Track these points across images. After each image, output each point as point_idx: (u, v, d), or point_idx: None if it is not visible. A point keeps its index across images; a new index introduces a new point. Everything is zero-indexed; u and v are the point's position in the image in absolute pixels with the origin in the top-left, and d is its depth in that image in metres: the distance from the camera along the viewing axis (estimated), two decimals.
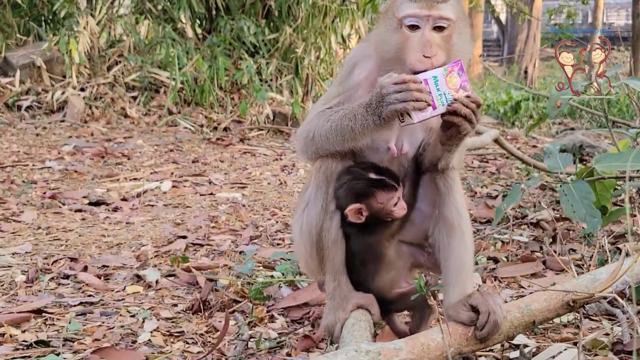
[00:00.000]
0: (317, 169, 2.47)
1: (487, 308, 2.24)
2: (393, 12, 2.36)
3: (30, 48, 10.31)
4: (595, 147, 7.27)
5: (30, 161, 6.80)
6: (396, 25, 2.33)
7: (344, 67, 2.55)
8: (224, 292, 3.23)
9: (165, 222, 4.77)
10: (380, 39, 2.40)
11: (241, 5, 11.34)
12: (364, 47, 2.54)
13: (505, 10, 28.65)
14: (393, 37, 2.34)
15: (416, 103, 2.16)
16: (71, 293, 3.27)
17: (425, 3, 2.29)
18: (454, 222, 2.43)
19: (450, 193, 2.45)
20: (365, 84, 2.43)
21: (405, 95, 2.15)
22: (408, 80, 2.17)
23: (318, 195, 2.46)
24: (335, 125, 2.35)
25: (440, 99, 2.20)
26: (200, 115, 10.00)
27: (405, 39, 2.31)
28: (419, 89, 2.16)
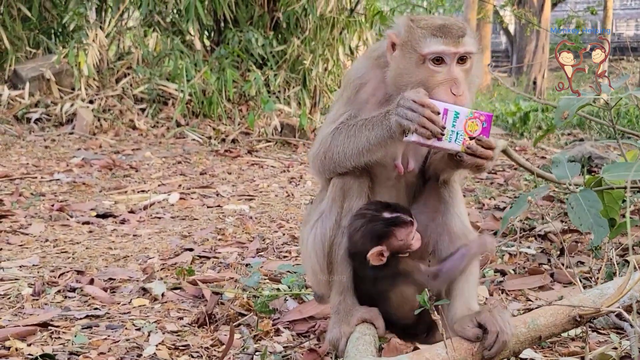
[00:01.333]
0: (333, 184, 2.48)
1: (497, 328, 2.22)
2: (414, 46, 2.33)
3: (40, 61, 10.38)
4: (604, 159, 7.23)
5: (39, 173, 6.82)
6: (418, 59, 2.32)
7: (350, 86, 2.53)
8: (229, 305, 3.22)
9: (172, 234, 4.78)
10: (399, 72, 2.37)
11: (249, 17, 11.39)
12: (369, 65, 2.52)
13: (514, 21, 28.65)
14: (415, 72, 2.33)
15: (421, 129, 2.16)
16: (77, 306, 3.27)
17: (452, 40, 2.29)
18: (458, 233, 2.43)
19: (454, 203, 2.45)
20: (372, 100, 2.44)
21: (415, 116, 2.16)
22: (426, 105, 2.17)
23: (333, 209, 2.46)
24: (354, 138, 2.36)
25: (451, 135, 2.20)
26: (208, 127, 10.02)
27: (430, 74, 2.31)
28: (432, 118, 2.17)
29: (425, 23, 2.35)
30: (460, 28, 2.32)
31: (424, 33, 2.32)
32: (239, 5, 11.30)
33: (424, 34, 2.32)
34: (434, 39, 2.29)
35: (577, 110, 4.17)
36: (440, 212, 2.47)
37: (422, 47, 2.30)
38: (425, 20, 2.37)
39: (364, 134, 2.30)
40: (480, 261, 3.98)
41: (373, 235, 2.36)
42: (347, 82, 2.57)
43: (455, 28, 2.32)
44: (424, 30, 2.32)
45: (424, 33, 2.32)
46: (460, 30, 2.31)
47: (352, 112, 2.45)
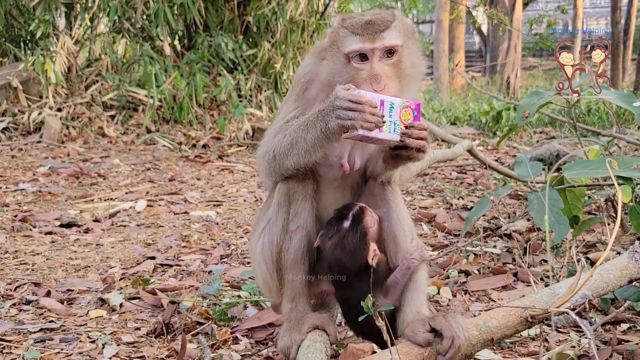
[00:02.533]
0: (278, 189, 2.44)
1: (452, 333, 2.19)
2: (338, 46, 2.34)
3: (7, 69, 10.27)
4: (572, 156, 7.26)
5: (4, 183, 6.72)
6: (343, 59, 2.33)
7: (299, 84, 2.51)
8: (187, 314, 3.17)
9: (136, 242, 4.71)
10: (330, 71, 2.38)
11: (219, 22, 11.35)
12: (315, 62, 2.50)
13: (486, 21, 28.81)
14: (343, 71, 2.33)
15: (365, 124, 2.14)
16: (32, 319, 3.20)
17: (369, 36, 2.28)
18: (400, 240, 2.41)
19: (397, 208, 2.44)
20: (321, 96, 2.41)
21: (356, 115, 2.15)
22: (364, 102, 2.16)
23: (279, 215, 2.42)
24: (291, 138, 2.33)
25: (389, 125, 2.22)
26: (179, 133, 9.96)
27: (355, 72, 2.31)
28: (372, 112, 2.16)
29: (350, 22, 2.34)
30: (383, 22, 2.31)
31: (346, 32, 2.32)
32: (208, 10, 11.24)
33: (346, 33, 2.32)
34: (354, 37, 2.29)
35: (538, 109, 4.19)
36: (384, 217, 2.44)
37: (344, 47, 2.31)
38: (353, 18, 2.35)
39: (301, 135, 2.27)
40: (444, 262, 3.98)
41: (356, 241, 2.35)
42: (296, 81, 2.55)
43: (378, 23, 2.30)
44: (346, 30, 2.32)
45: (345, 32, 2.32)
46: (382, 25, 2.30)
47: (299, 110, 2.43)
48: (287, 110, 2.50)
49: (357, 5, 27.02)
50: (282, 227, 2.38)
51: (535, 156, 7.15)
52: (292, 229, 2.37)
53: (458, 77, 24.86)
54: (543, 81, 27.82)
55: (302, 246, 2.38)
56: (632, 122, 10.02)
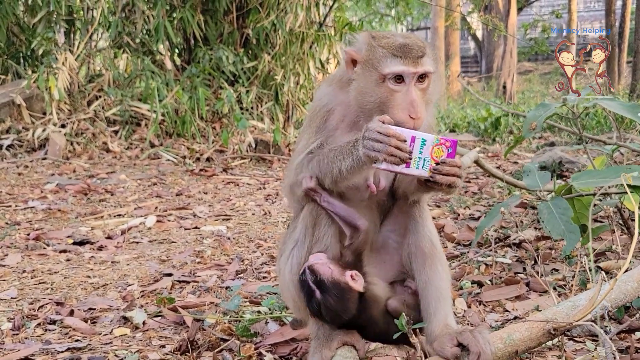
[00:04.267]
0: (306, 211, 2.51)
1: (478, 349, 2.26)
2: (375, 65, 2.37)
3: (9, 86, 10.32)
4: (574, 163, 7.36)
5: (13, 201, 6.78)
6: (378, 78, 2.36)
7: (318, 115, 2.57)
8: (211, 331, 3.24)
9: (151, 259, 4.78)
10: (360, 91, 2.41)
11: (219, 35, 11.44)
12: (332, 91, 2.56)
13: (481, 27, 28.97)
14: (376, 90, 2.37)
15: (390, 157, 2.20)
16: (58, 339, 3.26)
17: (412, 60, 2.33)
18: (427, 252, 2.48)
19: (424, 223, 2.50)
20: (342, 125, 2.48)
21: (382, 147, 2.20)
22: (392, 135, 2.21)
23: (306, 237, 2.49)
24: (326, 167, 2.39)
25: (418, 161, 2.25)
26: (183, 147, 10.02)
27: (389, 93, 2.35)
28: (398, 146, 2.20)
29: (386, 42, 2.39)
30: (420, 48, 2.37)
31: (385, 52, 2.36)
32: (208, 23, 11.34)
33: (384, 53, 2.36)
34: (394, 59, 2.34)
35: (544, 120, 4.26)
36: (410, 231, 2.52)
37: (383, 67, 2.35)
38: (387, 39, 2.40)
39: (335, 164, 2.33)
40: (457, 273, 4.05)
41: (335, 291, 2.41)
42: (314, 112, 2.59)
43: (416, 48, 2.36)
44: (385, 50, 2.36)
45: (384, 52, 2.36)
46: (420, 50, 2.36)
47: (321, 140, 2.49)
48: (308, 141, 2.57)
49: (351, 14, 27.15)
50: (308, 249, 2.46)
51: (539, 163, 7.23)
52: (316, 251, 2.45)
53: (455, 83, 25.00)
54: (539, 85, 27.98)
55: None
56: (631, 127, 10.13)
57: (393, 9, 28.84)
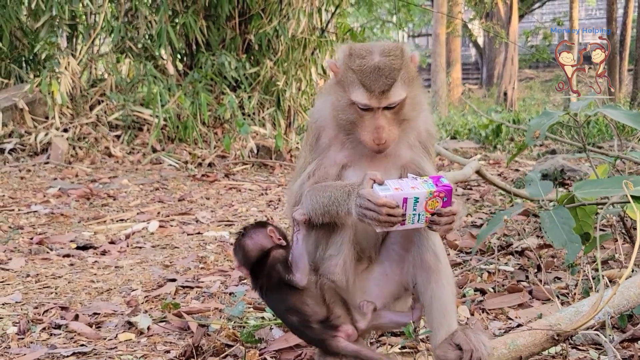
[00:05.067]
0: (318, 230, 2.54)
1: (470, 346, 2.31)
2: (345, 87, 2.39)
3: (12, 90, 10.35)
4: (576, 171, 7.38)
5: (16, 205, 6.80)
6: (348, 101, 2.39)
7: (312, 132, 2.60)
8: (215, 337, 3.25)
9: (154, 264, 4.79)
10: (334, 107, 2.45)
11: (221, 41, 11.47)
12: (325, 107, 2.58)
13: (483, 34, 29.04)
14: (346, 110, 2.40)
15: (383, 224, 2.23)
16: (63, 343, 3.28)
17: (377, 94, 2.33)
18: (432, 266, 2.49)
19: (429, 236, 2.51)
20: (335, 143, 2.52)
21: (374, 215, 2.22)
22: (382, 204, 2.21)
23: (319, 247, 2.53)
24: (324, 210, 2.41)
25: (413, 217, 2.27)
26: (184, 152, 10.05)
27: (358, 116, 2.38)
28: (390, 213, 2.22)
29: (359, 64, 2.37)
30: (391, 73, 2.34)
31: (354, 78, 2.36)
32: (210, 29, 11.38)
33: (354, 79, 2.36)
34: (361, 89, 2.34)
35: (547, 129, 4.28)
36: (415, 243, 2.53)
37: (350, 93, 2.37)
38: (361, 59, 2.37)
39: (333, 208, 2.36)
40: (460, 281, 4.06)
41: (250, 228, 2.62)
42: (309, 130, 2.63)
43: (386, 74, 2.33)
44: (355, 75, 2.36)
45: (354, 78, 2.36)
46: (389, 79, 2.33)
47: (317, 162, 2.52)
48: (305, 160, 2.60)
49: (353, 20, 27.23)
50: (319, 257, 2.48)
51: (540, 171, 7.25)
52: (326, 256, 2.47)
53: (455, 90, 25.04)
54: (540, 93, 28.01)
55: (333, 271, 2.47)
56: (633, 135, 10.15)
57: (394, 16, 28.94)
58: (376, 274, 2.63)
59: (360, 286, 2.61)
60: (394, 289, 2.63)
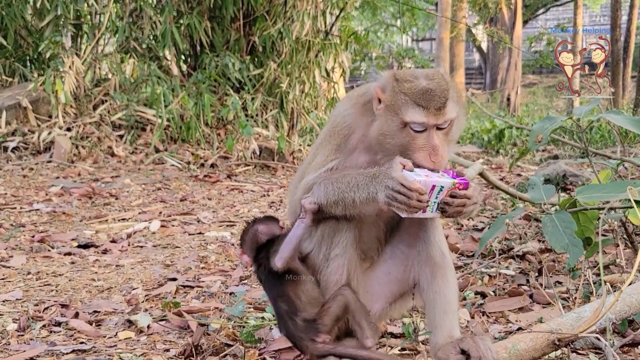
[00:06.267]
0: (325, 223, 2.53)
1: (479, 354, 2.29)
2: (396, 111, 2.37)
3: (16, 89, 10.37)
4: (578, 176, 7.38)
5: (18, 203, 6.80)
6: (400, 124, 2.36)
7: (339, 134, 2.57)
8: (215, 336, 3.25)
9: (155, 263, 4.80)
10: (382, 132, 2.41)
11: (225, 42, 11.49)
12: (356, 112, 2.57)
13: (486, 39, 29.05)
14: (397, 134, 2.37)
15: (409, 209, 2.24)
16: (63, 341, 3.28)
17: (433, 111, 2.33)
18: (438, 262, 2.49)
19: (435, 233, 2.51)
20: (360, 147, 2.51)
21: (404, 200, 2.23)
22: (414, 189, 2.23)
23: (322, 246, 2.51)
24: (341, 195, 2.41)
25: (432, 206, 2.31)
26: (187, 152, 10.05)
27: (411, 138, 2.36)
28: (419, 199, 2.24)
29: (409, 87, 2.37)
30: (442, 93, 2.35)
31: (407, 100, 2.35)
32: (214, 30, 11.39)
33: (406, 100, 2.35)
34: (416, 108, 2.33)
35: (550, 133, 4.28)
36: (421, 240, 2.53)
37: (404, 114, 2.34)
38: (409, 83, 2.38)
39: (350, 195, 2.36)
40: (461, 284, 4.06)
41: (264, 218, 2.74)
42: (335, 129, 2.59)
43: (438, 94, 2.35)
44: (407, 97, 2.35)
45: (406, 99, 2.35)
46: (442, 97, 2.35)
47: (340, 161, 2.52)
48: (326, 157, 2.58)
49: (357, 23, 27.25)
50: (323, 256, 2.48)
51: (542, 176, 7.24)
52: (332, 256, 2.47)
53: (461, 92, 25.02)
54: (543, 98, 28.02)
55: (338, 272, 2.46)
56: (636, 141, 10.15)
57: (398, 20, 28.96)
58: (379, 273, 2.63)
59: (364, 286, 2.61)
60: (397, 287, 2.62)
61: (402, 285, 2.62)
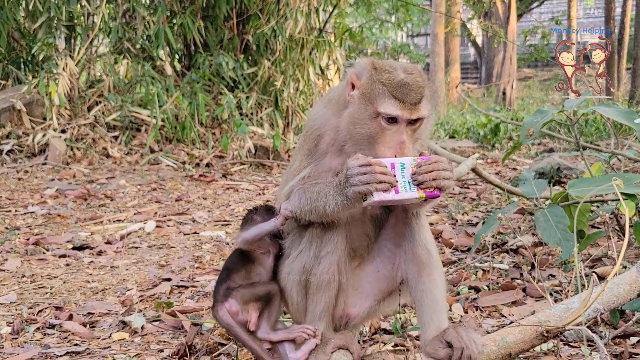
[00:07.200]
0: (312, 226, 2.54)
1: (461, 344, 2.31)
2: (371, 99, 2.35)
3: (10, 92, 10.34)
4: (572, 169, 7.39)
5: (13, 206, 6.80)
6: (372, 113, 2.35)
7: (310, 137, 2.57)
8: (209, 336, 3.26)
9: (150, 264, 4.80)
10: (352, 120, 2.40)
11: (219, 41, 11.48)
12: (326, 114, 2.57)
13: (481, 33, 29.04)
14: (367, 123, 2.36)
15: (379, 185, 2.22)
16: (57, 343, 3.29)
17: (408, 105, 2.32)
18: (424, 260, 2.50)
19: (420, 230, 2.52)
20: (331, 150, 2.50)
21: (369, 177, 2.22)
22: (373, 163, 2.24)
23: (312, 244, 2.51)
24: (311, 207, 2.42)
25: (404, 185, 2.27)
26: (182, 152, 10.05)
27: (380, 130, 2.35)
28: (383, 172, 2.23)
29: (387, 77, 2.36)
30: (419, 89, 2.35)
31: (383, 90, 2.34)
32: (208, 29, 11.38)
33: (383, 90, 2.34)
34: (391, 100, 2.32)
35: (541, 127, 4.29)
36: (407, 238, 2.53)
37: (379, 104, 2.33)
38: (388, 73, 2.37)
39: (320, 205, 2.37)
40: (454, 279, 4.07)
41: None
42: (307, 132, 2.60)
43: (414, 89, 2.34)
44: (384, 87, 2.34)
45: (383, 90, 2.34)
46: (418, 93, 2.34)
47: (312, 166, 2.52)
48: (300, 164, 2.58)
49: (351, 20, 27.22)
50: (313, 255, 2.48)
51: (537, 170, 7.26)
52: (322, 254, 2.47)
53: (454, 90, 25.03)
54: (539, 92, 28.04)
55: (329, 270, 2.47)
56: (630, 133, 10.16)
57: (393, 15, 28.94)
58: (368, 271, 2.64)
59: (353, 284, 2.61)
60: (385, 285, 2.63)
61: (390, 283, 2.62)
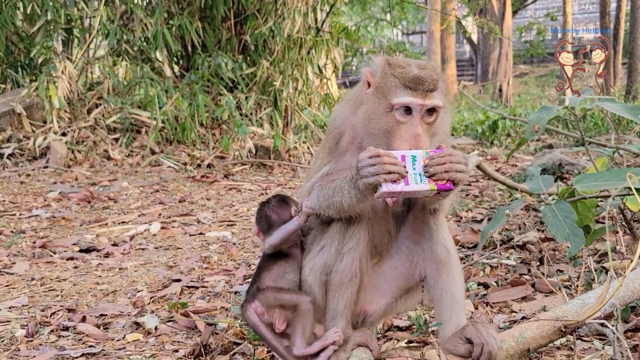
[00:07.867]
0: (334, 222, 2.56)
1: (481, 340, 2.34)
2: (385, 93, 2.38)
3: (9, 95, 10.34)
4: (574, 165, 7.43)
5: (17, 210, 6.81)
6: (387, 107, 2.37)
7: (331, 136, 2.62)
8: (223, 335, 3.28)
9: (158, 265, 4.82)
10: (368, 115, 2.43)
11: (217, 42, 11.49)
12: (346, 113, 2.59)
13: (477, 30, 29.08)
14: (383, 118, 2.38)
15: (388, 175, 2.22)
16: (72, 345, 3.30)
17: (421, 92, 2.34)
18: (442, 259, 2.52)
19: (439, 230, 2.54)
20: (351, 148, 2.54)
21: (377, 168, 2.23)
22: (382, 154, 2.25)
23: (335, 240, 2.53)
24: (329, 202, 2.45)
25: (415, 177, 2.27)
26: (183, 153, 10.07)
27: (395, 123, 2.37)
28: (392, 162, 2.24)
29: (400, 71, 2.39)
30: (432, 81, 2.37)
31: (396, 82, 2.37)
32: (206, 30, 11.39)
33: (396, 83, 2.37)
34: (405, 90, 2.34)
35: (546, 123, 4.31)
36: (425, 237, 2.55)
37: (392, 96, 2.36)
38: (401, 68, 2.40)
39: (337, 200, 2.39)
40: (464, 275, 4.09)
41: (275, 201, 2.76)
42: (328, 133, 2.64)
43: (428, 80, 2.36)
44: (397, 79, 2.37)
45: (396, 82, 2.37)
46: (431, 84, 2.36)
47: (333, 164, 2.55)
48: (321, 162, 2.63)
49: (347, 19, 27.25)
50: (335, 251, 2.50)
51: (538, 166, 7.28)
52: (345, 250, 2.49)
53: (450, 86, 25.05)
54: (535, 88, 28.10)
55: (352, 267, 2.49)
56: (629, 128, 10.20)
57: (388, 14, 28.98)
58: (386, 268, 2.66)
59: (371, 281, 2.63)
60: (403, 283, 2.65)
61: (409, 281, 2.64)
